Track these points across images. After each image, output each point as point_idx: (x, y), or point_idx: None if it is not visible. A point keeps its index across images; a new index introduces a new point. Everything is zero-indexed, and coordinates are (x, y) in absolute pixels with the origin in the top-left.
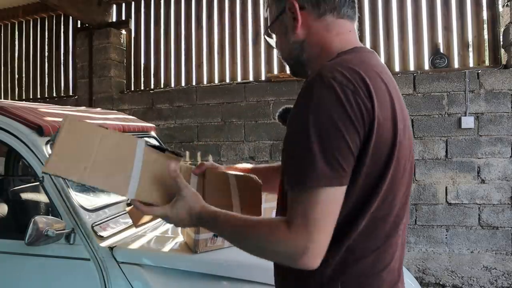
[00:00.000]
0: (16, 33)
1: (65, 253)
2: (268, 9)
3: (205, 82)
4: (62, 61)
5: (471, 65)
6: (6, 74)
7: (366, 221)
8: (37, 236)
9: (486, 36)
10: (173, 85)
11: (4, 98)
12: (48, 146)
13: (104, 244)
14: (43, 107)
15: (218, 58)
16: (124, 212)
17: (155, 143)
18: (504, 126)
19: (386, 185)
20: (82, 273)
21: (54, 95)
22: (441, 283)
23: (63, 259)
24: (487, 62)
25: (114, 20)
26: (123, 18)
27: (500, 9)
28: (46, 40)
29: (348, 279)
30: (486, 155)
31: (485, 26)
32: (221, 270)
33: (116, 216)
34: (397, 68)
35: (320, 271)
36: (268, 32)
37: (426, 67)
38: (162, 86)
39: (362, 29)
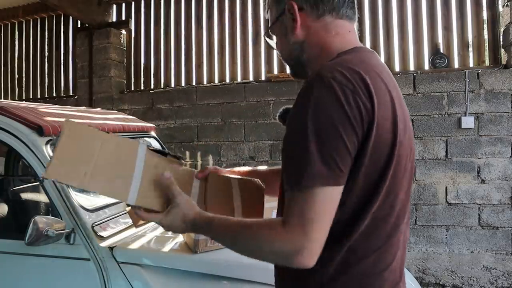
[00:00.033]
0: (16, 33)
1: (65, 253)
2: (268, 11)
3: (205, 82)
4: (62, 61)
5: (471, 65)
6: (6, 74)
7: (367, 221)
8: (37, 236)
9: (486, 36)
10: (173, 85)
11: (4, 98)
12: (48, 146)
13: (104, 244)
14: (43, 107)
15: (218, 58)
16: (124, 212)
17: (156, 147)
18: (504, 126)
19: (386, 185)
20: (82, 273)
21: (54, 95)
22: (441, 283)
23: (63, 259)
24: (487, 62)
25: (114, 20)
26: (123, 18)
27: (500, 9)
28: (46, 40)
29: (349, 279)
30: (486, 155)
31: (485, 26)
32: (221, 270)
33: (116, 216)
34: (397, 68)
35: (320, 271)
36: (268, 33)
37: (426, 67)
38: (162, 86)
39: (362, 29)
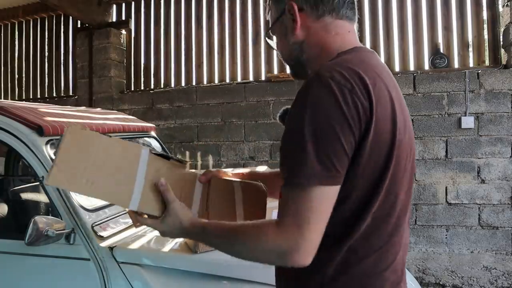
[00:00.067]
0: (16, 33)
1: (65, 253)
2: (269, 12)
3: (205, 82)
4: (62, 61)
5: (471, 65)
6: (6, 74)
7: (368, 221)
8: (37, 236)
9: (486, 36)
10: (173, 85)
11: (4, 98)
12: (48, 146)
13: (104, 244)
14: (43, 107)
15: (218, 58)
16: (124, 212)
17: (158, 149)
18: (504, 126)
19: (386, 185)
20: (82, 273)
21: (54, 95)
22: (441, 283)
23: (63, 259)
24: (487, 62)
25: (114, 20)
26: (123, 18)
27: (500, 9)
28: (46, 40)
29: (350, 279)
30: (486, 155)
31: (485, 26)
32: (221, 270)
33: (116, 216)
34: (397, 68)
35: (321, 271)
36: (269, 34)
37: (426, 67)
38: (162, 86)
39: (362, 29)
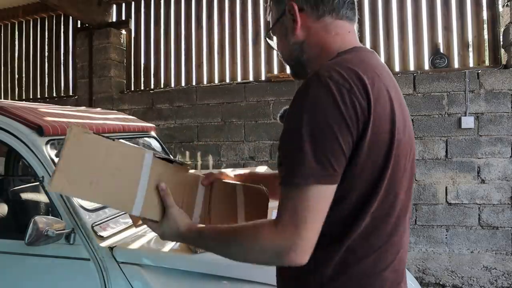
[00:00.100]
0: (16, 33)
1: (65, 253)
2: (269, 13)
3: (205, 82)
4: (62, 61)
5: (471, 65)
6: (6, 74)
7: (367, 221)
8: (37, 236)
9: (486, 36)
10: (173, 85)
11: (4, 98)
12: (48, 146)
13: (104, 244)
14: (43, 107)
15: (218, 58)
16: (124, 212)
17: (162, 154)
18: (504, 126)
19: (385, 184)
20: (82, 273)
21: (54, 95)
22: (441, 283)
23: (63, 259)
24: (487, 62)
25: (114, 20)
26: (123, 18)
27: (500, 9)
28: (46, 40)
29: (349, 279)
30: (486, 155)
31: (485, 26)
32: (221, 270)
33: (116, 216)
34: (397, 68)
35: (320, 271)
36: (269, 34)
37: (426, 67)
38: (162, 86)
39: (362, 29)
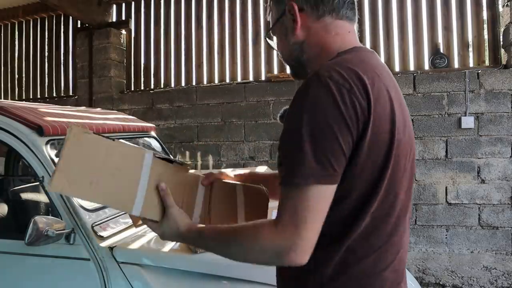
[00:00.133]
0: (16, 33)
1: (65, 253)
2: (270, 13)
3: (205, 82)
4: (62, 61)
5: (471, 65)
6: (6, 74)
7: (367, 221)
8: (37, 236)
9: (486, 36)
10: (173, 85)
11: (4, 98)
12: (48, 146)
13: (104, 244)
14: (43, 107)
15: (218, 58)
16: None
17: (162, 154)
18: (504, 126)
19: (385, 184)
20: (82, 273)
21: (54, 95)
22: (441, 283)
23: (63, 259)
24: (487, 62)
25: (114, 20)
26: (123, 18)
27: (500, 9)
28: (46, 40)
29: (349, 279)
30: (486, 155)
31: (485, 26)
32: (221, 270)
33: (116, 216)
34: (397, 68)
35: (320, 271)
36: (269, 34)
37: (426, 67)
38: (162, 86)
39: (362, 29)
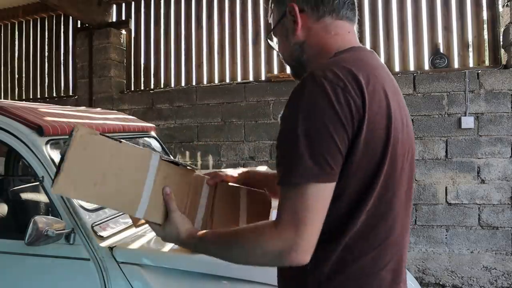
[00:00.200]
0: (16, 33)
1: (65, 253)
2: (271, 15)
3: (205, 82)
4: (62, 61)
5: (471, 65)
6: (6, 74)
7: (363, 219)
8: (37, 236)
9: (486, 36)
10: (173, 85)
11: (4, 98)
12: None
13: (104, 244)
14: (43, 107)
15: (218, 58)
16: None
17: (169, 158)
18: (504, 126)
19: (380, 182)
20: (82, 273)
21: (54, 95)
22: (441, 283)
23: (63, 259)
24: (487, 62)
25: (114, 20)
26: (123, 18)
27: (500, 9)
28: (46, 40)
29: (347, 278)
30: (486, 155)
31: (485, 26)
32: (221, 270)
33: (116, 216)
34: (397, 68)
35: (317, 270)
36: (270, 35)
37: (426, 67)
38: (162, 86)
39: (362, 29)
